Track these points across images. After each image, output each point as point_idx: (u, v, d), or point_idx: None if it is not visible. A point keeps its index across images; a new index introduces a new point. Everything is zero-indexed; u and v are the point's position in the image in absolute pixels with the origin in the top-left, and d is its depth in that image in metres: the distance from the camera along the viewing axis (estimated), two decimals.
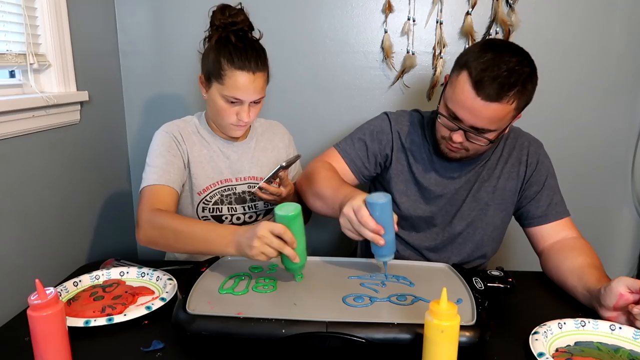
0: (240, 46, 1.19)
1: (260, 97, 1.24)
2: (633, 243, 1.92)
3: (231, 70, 1.18)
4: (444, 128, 1.13)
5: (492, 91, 1.01)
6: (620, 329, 0.91)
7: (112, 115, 1.73)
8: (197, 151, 1.30)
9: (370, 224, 0.94)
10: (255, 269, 1.06)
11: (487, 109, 1.03)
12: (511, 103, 1.04)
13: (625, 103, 1.77)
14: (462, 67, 1.06)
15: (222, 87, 1.20)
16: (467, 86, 1.04)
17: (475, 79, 1.02)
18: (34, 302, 0.74)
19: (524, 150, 1.26)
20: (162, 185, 1.19)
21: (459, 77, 1.06)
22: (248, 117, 1.23)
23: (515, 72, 1.02)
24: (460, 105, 1.06)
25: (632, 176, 1.84)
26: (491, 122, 1.06)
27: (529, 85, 1.05)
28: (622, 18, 1.69)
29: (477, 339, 0.81)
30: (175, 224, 1.08)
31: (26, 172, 1.23)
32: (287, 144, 1.45)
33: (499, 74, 1.01)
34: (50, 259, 1.32)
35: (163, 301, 1.00)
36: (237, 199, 1.34)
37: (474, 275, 1.02)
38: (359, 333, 0.80)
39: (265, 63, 1.24)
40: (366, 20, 1.72)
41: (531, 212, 1.24)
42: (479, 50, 1.06)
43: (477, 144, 1.11)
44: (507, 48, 1.06)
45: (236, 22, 1.21)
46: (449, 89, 1.11)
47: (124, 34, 1.75)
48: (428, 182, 1.24)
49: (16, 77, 1.33)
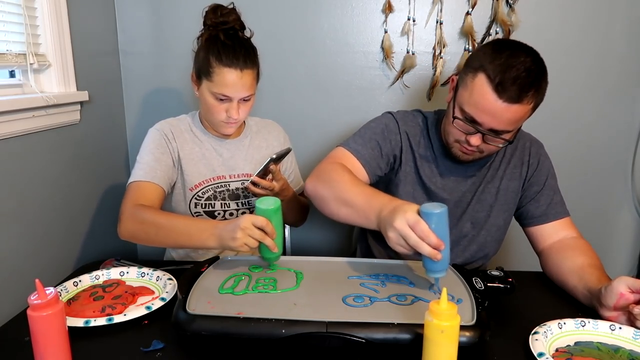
0: (228, 44, 1.21)
1: (250, 95, 1.25)
2: (633, 243, 1.92)
3: (219, 68, 1.20)
4: (459, 132, 1.11)
5: (514, 93, 1.00)
6: (620, 329, 0.91)
7: (112, 115, 1.73)
8: (189, 149, 1.32)
9: (432, 240, 0.86)
10: (255, 269, 1.06)
11: (508, 111, 1.02)
12: (530, 103, 1.03)
13: (625, 103, 1.77)
14: (478, 70, 1.04)
15: (211, 85, 1.22)
16: (487, 89, 1.02)
17: (495, 81, 1.00)
18: (34, 302, 0.74)
19: (526, 151, 1.26)
20: (147, 182, 1.22)
21: (475, 80, 1.04)
22: (237, 114, 1.25)
23: (533, 72, 1.01)
24: (481, 109, 1.04)
25: (632, 176, 1.84)
26: (511, 124, 1.05)
27: (544, 84, 1.05)
28: (623, 18, 1.69)
29: (477, 339, 0.80)
30: (156, 218, 1.11)
31: (26, 172, 1.23)
32: (283, 143, 1.45)
33: (519, 74, 1.00)
34: (50, 259, 1.32)
35: (163, 301, 1.00)
36: (231, 195, 1.35)
37: (473, 276, 1.01)
38: (358, 333, 0.80)
39: (254, 61, 1.25)
40: (366, 20, 1.72)
41: (531, 211, 1.24)
42: (492, 51, 1.04)
43: (494, 145, 1.10)
44: (520, 47, 1.06)
45: (227, 21, 1.23)
46: (463, 92, 1.08)
47: (124, 34, 1.75)
48: (435, 185, 1.23)
49: (16, 77, 1.33)
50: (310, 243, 1.93)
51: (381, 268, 1.07)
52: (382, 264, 1.10)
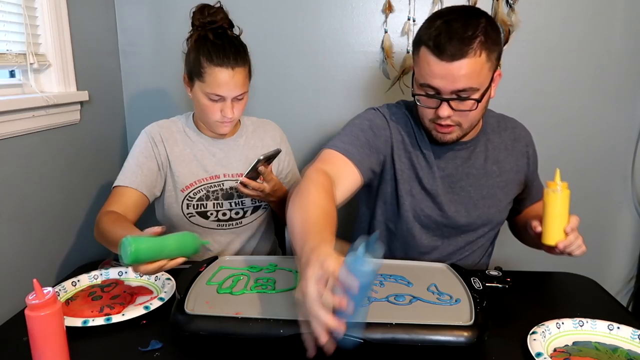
0: (218, 43, 1.22)
1: (242, 93, 1.25)
2: (633, 243, 1.92)
3: (210, 68, 1.20)
4: (428, 110, 1.10)
5: (454, 49, 1.00)
6: (618, 329, 0.91)
7: (112, 115, 1.73)
8: (179, 150, 1.33)
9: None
10: (254, 269, 1.06)
11: (457, 67, 1.01)
12: (479, 55, 1.02)
13: (625, 103, 1.77)
14: (419, 44, 1.06)
15: (204, 85, 1.22)
16: (429, 56, 1.03)
17: (433, 46, 1.02)
18: (32, 302, 0.74)
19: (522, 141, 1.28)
20: (125, 187, 1.24)
21: (419, 54, 1.06)
22: (232, 113, 1.25)
23: (471, 25, 1.01)
24: (432, 75, 1.04)
25: (632, 176, 1.84)
26: (468, 80, 1.03)
27: (492, 34, 1.03)
28: (623, 18, 1.69)
29: (476, 339, 0.81)
30: (104, 227, 1.08)
31: (26, 172, 1.23)
32: (279, 142, 1.44)
33: (454, 32, 1.01)
34: (48, 259, 1.33)
35: (161, 301, 1.00)
36: (224, 195, 1.34)
37: (472, 275, 1.02)
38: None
39: (245, 58, 1.25)
40: (366, 20, 1.72)
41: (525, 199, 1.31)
42: (428, 22, 1.07)
43: (465, 110, 1.07)
44: (455, 10, 1.07)
45: (215, 20, 1.24)
46: (415, 70, 1.10)
47: (124, 34, 1.75)
48: (429, 176, 1.20)
49: (16, 77, 1.33)
50: None
51: (380, 268, 1.07)
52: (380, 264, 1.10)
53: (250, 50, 1.29)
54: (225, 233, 1.38)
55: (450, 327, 0.82)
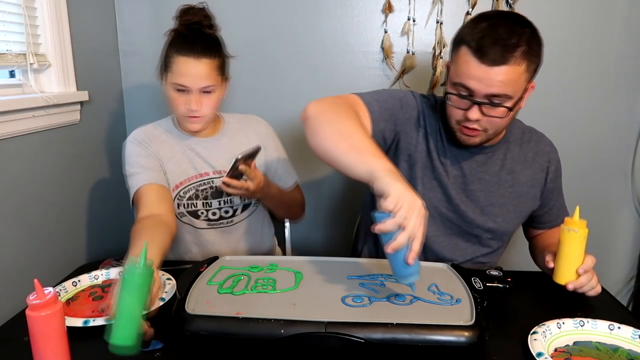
0: (188, 35, 1.22)
1: (209, 85, 1.23)
2: (633, 243, 1.92)
3: (177, 57, 1.21)
4: (457, 110, 1.09)
5: (496, 54, 0.99)
6: (619, 328, 0.91)
7: (112, 115, 1.73)
8: (168, 149, 1.32)
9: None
10: (255, 269, 1.06)
11: (496, 73, 1.00)
12: (520, 64, 1.01)
13: (625, 103, 1.77)
14: (460, 43, 1.05)
15: (171, 75, 1.22)
16: (469, 57, 1.02)
17: (475, 48, 1.01)
18: (33, 302, 0.74)
19: (545, 157, 1.25)
20: (146, 186, 1.22)
21: (459, 53, 1.05)
22: (197, 105, 1.23)
23: (516, 33, 1.01)
24: (468, 76, 1.03)
25: (632, 176, 1.84)
26: (505, 86, 1.02)
27: (534, 45, 1.03)
28: (623, 18, 1.69)
29: (476, 339, 0.81)
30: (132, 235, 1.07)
31: (26, 172, 1.23)
32: (264, 136, 1.40)
33: (499, 36, 1.00)
34: (49, 259, 1.33)
35: (162, 301, 1.00)
36: (214, 194, 1.34)
37: (472, 275, 1.02)
38: (357, 333, 0.80)
39: (215, 50, 1.24)
40: (366, 20, 1.72)
41: (543, 218, 1.28)
42: (472, 23, 1.05)
43: (495, 117, 1.06)
44: (501, 15, 1.07)
45: (194, 20, 1.24)
46: (452, 68, 1.08)
47: (124, 34, 1.75)
48: (442, 170, 1.20)
49: (16, 77, 1.33)
50: (310, 243, 1.93)
51: (380, 268, 1.07)
52: (381, 264, 1.10)
53: (250, 50, 1.29)
54: (217, 233, 1.37)
55: (450, 327, 0.82)
